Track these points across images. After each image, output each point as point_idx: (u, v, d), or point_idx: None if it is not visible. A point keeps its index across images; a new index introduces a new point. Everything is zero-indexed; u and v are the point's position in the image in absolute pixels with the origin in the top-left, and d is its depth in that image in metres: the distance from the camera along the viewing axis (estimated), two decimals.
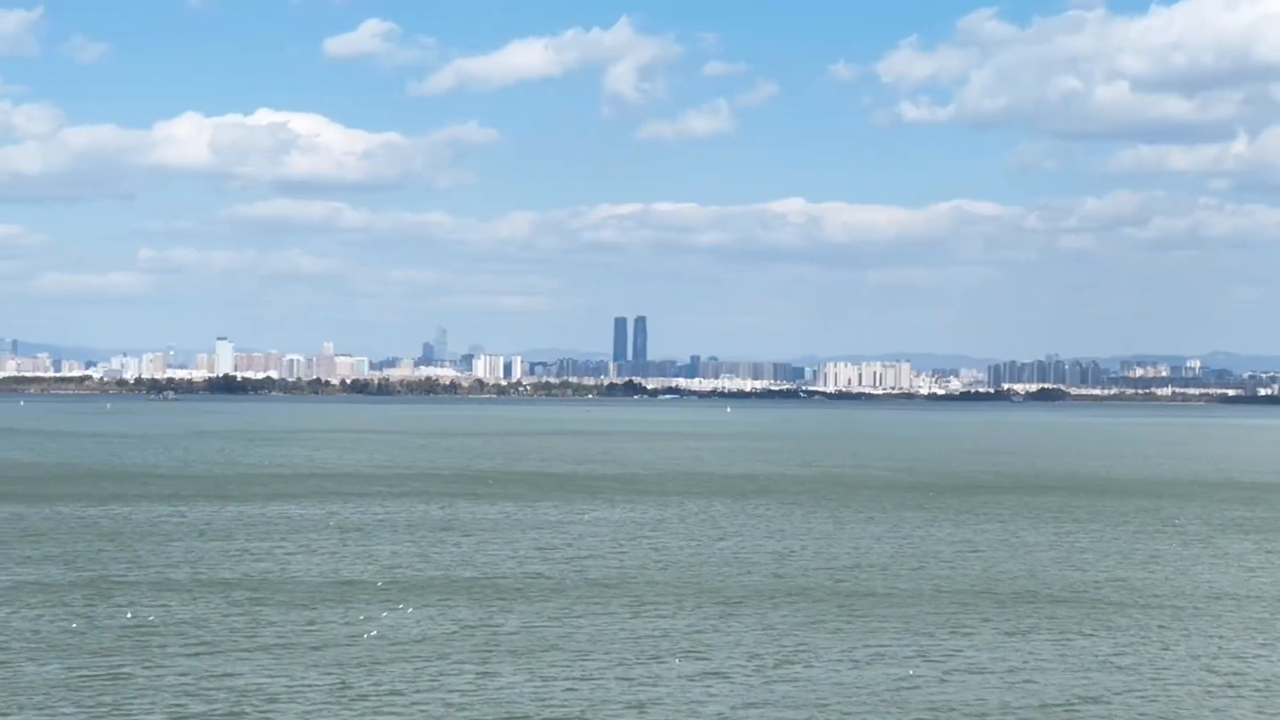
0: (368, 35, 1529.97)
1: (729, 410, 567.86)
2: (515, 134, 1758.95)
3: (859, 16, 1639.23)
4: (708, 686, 46.76)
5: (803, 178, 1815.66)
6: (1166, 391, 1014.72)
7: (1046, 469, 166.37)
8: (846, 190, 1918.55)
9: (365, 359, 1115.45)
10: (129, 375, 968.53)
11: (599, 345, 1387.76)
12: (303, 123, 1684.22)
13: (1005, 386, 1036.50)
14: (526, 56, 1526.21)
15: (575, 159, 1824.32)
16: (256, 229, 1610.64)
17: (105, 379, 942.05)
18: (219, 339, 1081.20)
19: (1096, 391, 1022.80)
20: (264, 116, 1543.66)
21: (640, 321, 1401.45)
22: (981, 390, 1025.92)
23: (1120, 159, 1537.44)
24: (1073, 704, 45.01)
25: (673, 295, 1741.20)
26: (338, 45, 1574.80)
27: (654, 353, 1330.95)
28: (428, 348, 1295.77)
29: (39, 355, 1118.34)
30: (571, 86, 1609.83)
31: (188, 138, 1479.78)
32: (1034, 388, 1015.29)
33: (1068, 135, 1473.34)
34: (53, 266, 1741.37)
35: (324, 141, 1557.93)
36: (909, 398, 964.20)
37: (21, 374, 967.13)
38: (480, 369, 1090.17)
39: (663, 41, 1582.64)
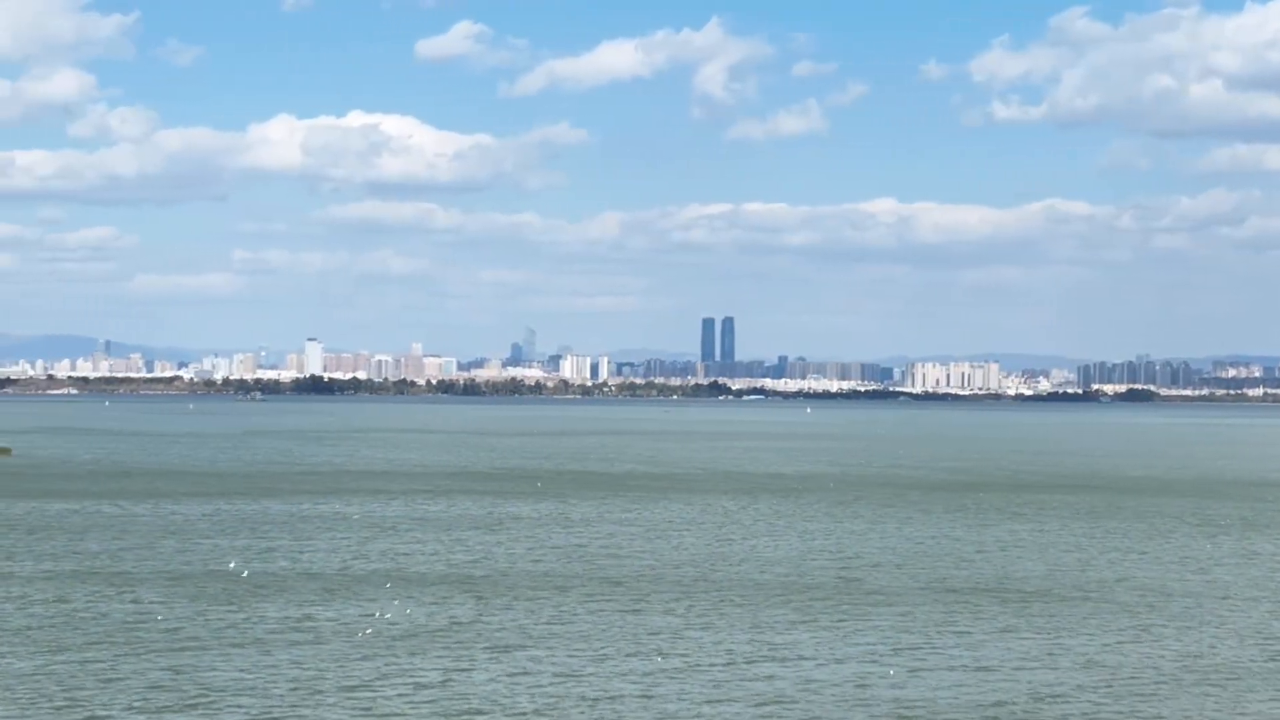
0: (459, 37, 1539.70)
1: (809, 411, 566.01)
2: (605, 135, 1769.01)
3: (950, 16, 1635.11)
4: (677, 683, 46.57)
5: (893, 178, 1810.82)
6: (1258, 392, 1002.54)
7: (1105, 469, 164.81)
8: (938, 190, 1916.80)
9: (453, 360, 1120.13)
10: (218, 376, 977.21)
11: (687, 346, 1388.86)
12: (394, 124, 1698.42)
13: (1094, 387, 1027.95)
14: (617, 57, 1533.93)
15: (665, 159, 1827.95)
16: (348, 230, 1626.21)
17: (195, 380, 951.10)
18: (309, 340, 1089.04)
19: (1187, 392, 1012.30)
20: (356, 118, 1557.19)
21: (728, 322, 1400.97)
22: (1070, 391, 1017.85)
23: (1215, 158, 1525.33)
24: (1032, 701, 44.50)
25: (762, 295, 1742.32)
26: (429, 47, 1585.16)
27: (742, 353, 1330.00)
28: (516, 348, 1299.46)
29: (131, 356, 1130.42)
30: (662, 87, 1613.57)
31: (281, 140, 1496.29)
32: (1123, 388, 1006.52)
33: (1161, 134, 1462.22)
34: (146, 268, 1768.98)
35: (415, 143, 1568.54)
36: (996, 399, 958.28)
37: (113, 374, 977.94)
38: (567, 369, 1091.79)
39: (753, 42, 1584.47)
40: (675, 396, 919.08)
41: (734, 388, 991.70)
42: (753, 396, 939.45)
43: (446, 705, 43.74)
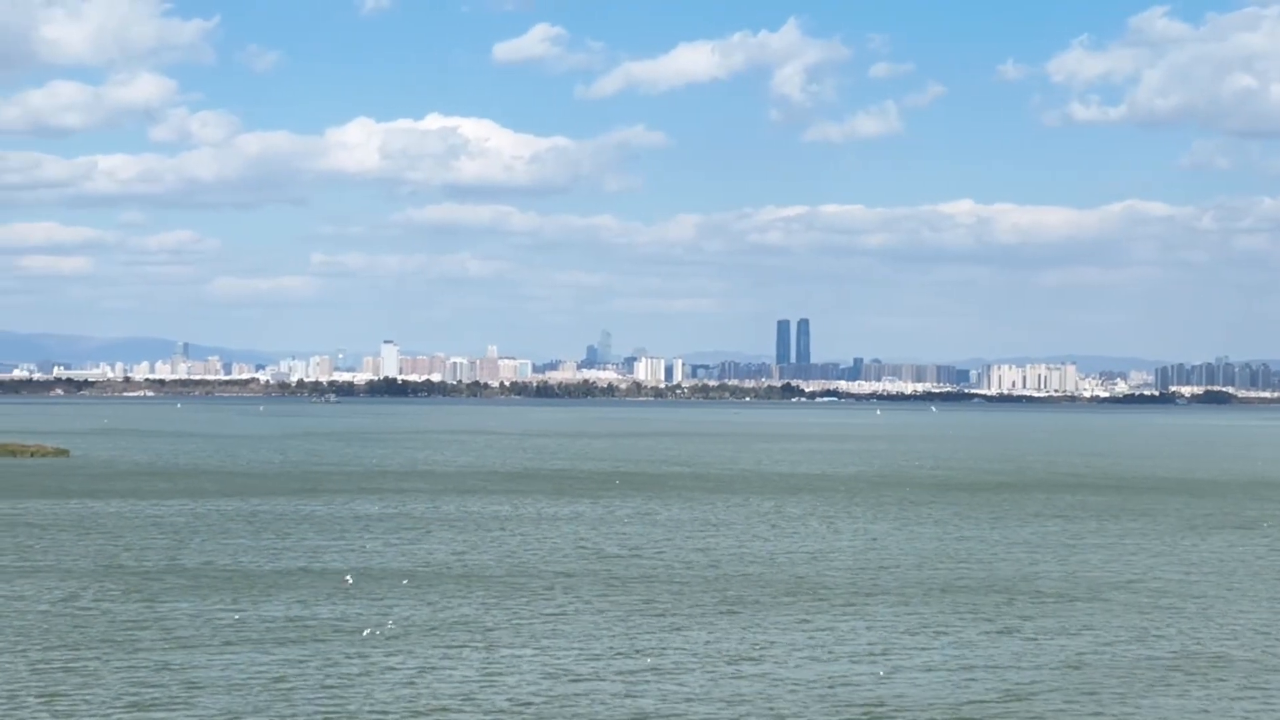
0: (536, 40, 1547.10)
1: (879, 413, 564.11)
2: (682, 137, 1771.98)
3: (1028, 16, 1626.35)
4: (659, 682, 46.50)
5: (971, 179, 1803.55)
6: None
7: (1159, 471, 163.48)
8: (1016, 191, 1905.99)
9: (528, 362, 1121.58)
10: (293, 378, 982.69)
11: (762, 348, 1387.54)
12: (472, 127, 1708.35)
13: (1172, 389, 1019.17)
14: (694, 59, 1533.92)
15: (742, 161, 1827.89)
16: (426, 233, 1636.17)
17: (270, 382, 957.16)
18: (385, 342, 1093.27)
19: (1266, 394, 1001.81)
20: (434, 122, 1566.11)
21: (803, 324, 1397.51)
22: (1147, 393, 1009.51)
23: None
24: (1006, 700, 44.22)
25: (838, 297, 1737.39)
26: (507, 50, 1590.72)
27: (817, 355, 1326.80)
28: (592, 350, 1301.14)
29: (209, 358, 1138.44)
30: (739, 89, 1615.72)
31: (359, 143, 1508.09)
32: (1201, 390, 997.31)
33: (1242, 134, 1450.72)
34: (226, 271, 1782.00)
35: (493, 146, 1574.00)
36: (1071, 400, 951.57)
37: (190, 376, 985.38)
38: (641, 371, 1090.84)
39: (830, 43, 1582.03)
40: (748, 399, 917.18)
41: (807, 390, 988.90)
42: (826, 399, 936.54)
43: (422, 703, 43.84)
